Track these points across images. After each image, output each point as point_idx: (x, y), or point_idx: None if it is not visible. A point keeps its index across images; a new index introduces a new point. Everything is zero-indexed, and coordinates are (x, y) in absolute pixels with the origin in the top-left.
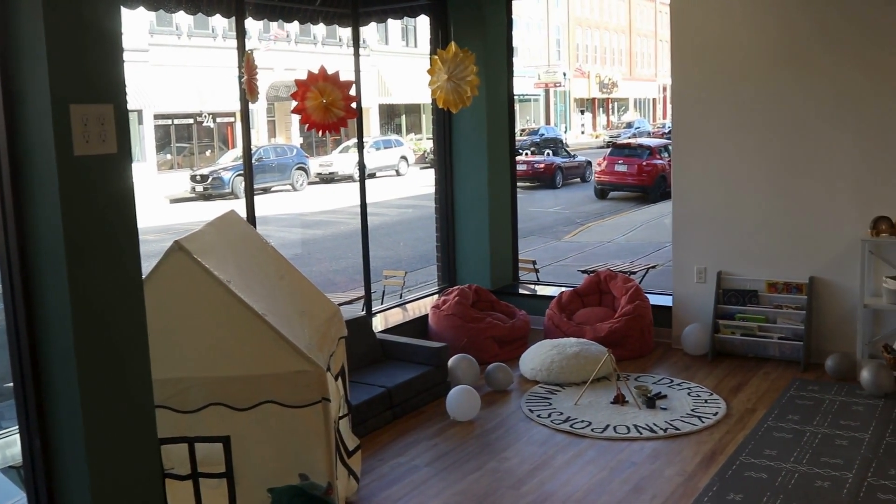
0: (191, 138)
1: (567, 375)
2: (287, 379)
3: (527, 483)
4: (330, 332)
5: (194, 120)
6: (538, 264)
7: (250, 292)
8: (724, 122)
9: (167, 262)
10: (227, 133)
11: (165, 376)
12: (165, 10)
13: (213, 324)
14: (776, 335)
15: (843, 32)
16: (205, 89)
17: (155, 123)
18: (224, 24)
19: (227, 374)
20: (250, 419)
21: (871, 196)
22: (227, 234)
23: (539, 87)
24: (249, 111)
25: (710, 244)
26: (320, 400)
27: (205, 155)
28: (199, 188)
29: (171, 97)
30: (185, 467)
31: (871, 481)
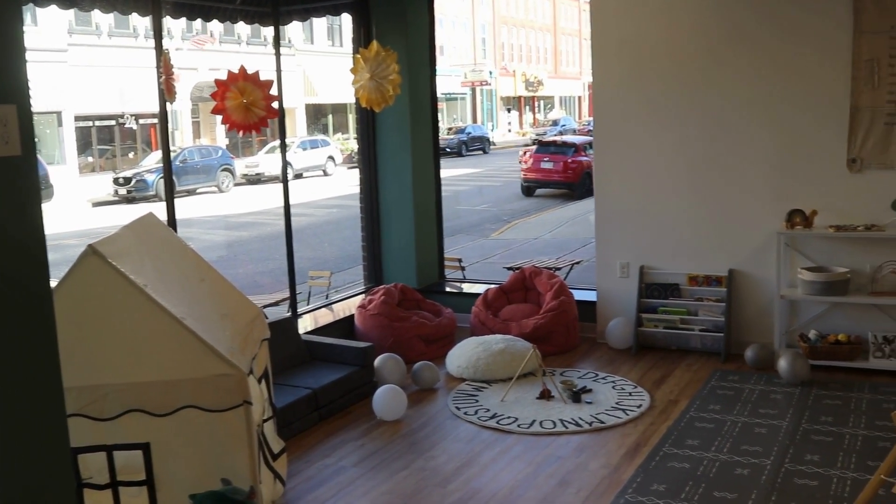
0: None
1: (493, 372)
2: (207, 383)
3: (454, 481)
4: (252, 335)
5: (116, 121)
6: (465, 262)
7: (169, 296)
8: (644, 119)
9: (81, 267)
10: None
11: (81, 384)
12: (80, 9)
13: (130, 329)
14: (698, 327)
15: (757, 31)
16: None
17: (76, 125)
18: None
19: (145, 379)
20: (170, 425)
21: (785, 190)
22: (144, 237)
23: (466, 85)
24: (172, 112)
25: (633, 239)
26: (242, 403)
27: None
28: (123, 191)
29: (92, 98)
30: (103, 476)
31: (789, 467)
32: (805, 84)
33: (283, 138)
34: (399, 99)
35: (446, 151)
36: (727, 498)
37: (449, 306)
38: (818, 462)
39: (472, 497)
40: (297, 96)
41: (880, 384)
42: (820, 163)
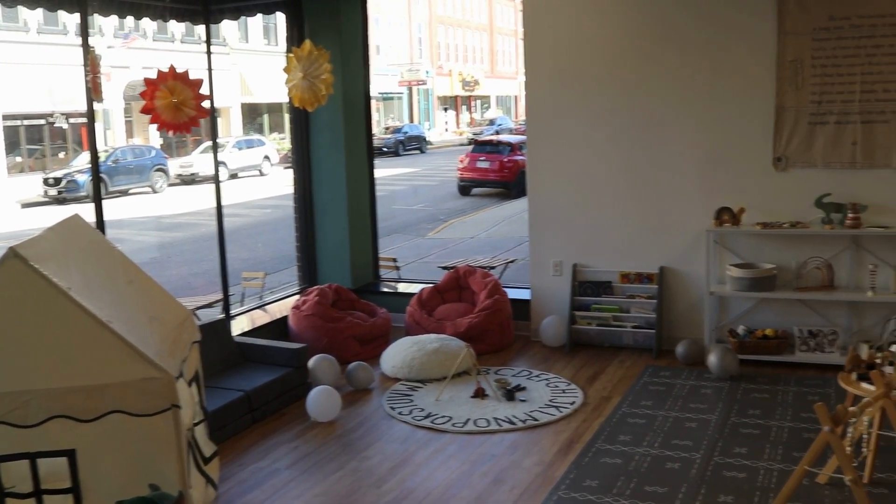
0: (42, 140)
1: (428, 372)
2: (134, 387)
3: (388, 481)
4: (182, 337)
5: (46, 120)
6: (401, 262)
7: (94, 299)
8: (576, 118)
9: (1, 271)
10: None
11: (3, 390)
12: (4, 5)
13: (54, 333)
14: (630, 324)
15: (687, 31)
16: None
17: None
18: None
19: (69, 384)
20: (96, 430)
21: (714, 188)
22: (69, 239)
23: (402, 85)
24: (104, 111)
25: (566, 238)
26: (170, 407)
27: (58, 157)
28: (53, 192)
29: (21, 97)
30: (26, 485)
31: (717, 460)
32: (733, 84)
33: (215, 138)
34: (332, 98)
35: (383, 151)
36: (658, 492)
37: (384, 306)
38: (746, 454)
39: (406, 497)
40: (232, 95)
41: (806, 377)
42: (747, 161)
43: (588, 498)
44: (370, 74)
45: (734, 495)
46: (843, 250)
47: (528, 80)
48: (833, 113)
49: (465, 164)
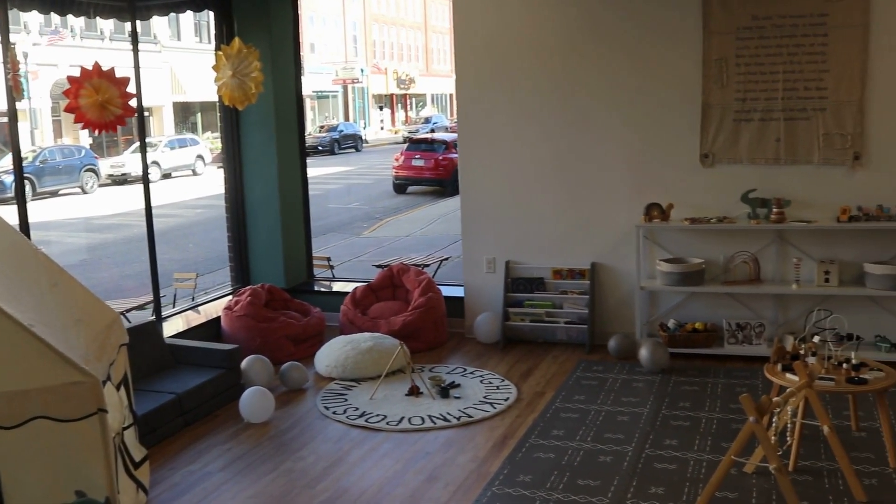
0: None
1: (362, 370)
2: (58, 392)
3: (322, 481)
4: (109, 340)
5: None
6: (335, 261)
7: (16, 302)
8: (507, 116)
9: None
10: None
11: None
12: None
13: None
14: (563, 320)
15: (616, 30)
16: None
17: None
18: None
19: None
20: (20, 437)
21: (643, 184)
22: None
23: (337, 83)
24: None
25: (498, 235)
26: (96, 411)
27: None
28: None
29: None
30: None
31: (649, 452)
32: (661, 82)
33: (144, 138)
34: (263, 97)
35: (318, 150)
36: (591, 485)
37: (318, 305)
38: (676, 446)
39: (340, 496)
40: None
41: (734, 369)
42: (675, 158)
43: (522, 493)
44: (303, 73)
45: (665, 486)
46: (768, 244)
47: (459, 79)
48: (757, 110)
49: (400, 163)
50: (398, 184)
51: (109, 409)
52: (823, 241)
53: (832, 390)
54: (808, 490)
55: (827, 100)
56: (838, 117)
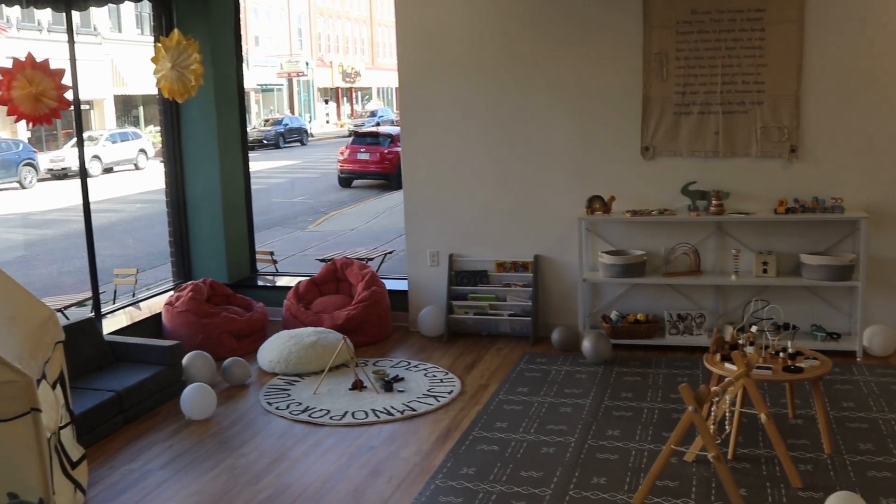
0: None
1: (305, 365)
2: None
3: (264, 477)
4: (44, 338)
5: None
6: (280, 255)
7: None
8: (450, 109)
9: None
10: None
11: None
12: None
13: None
14: (506, 312)
15: (556, 23)
16: None
17: None
18: None
19: None
20: None
21: (586, 177)
22: None
23: (282, 76)
24: None
25: (442, 228)
26: (29, 411)
27: None
28: None
29: None
30: None
31: (591, 443)
32: (602, 75)
33: (80, 132)
34: (204, 90)
35: (263, 143)
36: (533, 477)
37: (261, 300)
38: (618, 437)
39: (282, 493)
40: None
41: (675, 359)
42: (617, 151)
43: (465, 485)
44: (247, 65)
45: (607, 477)
46: (708, 236)
47: (402, 72)
48: (697, 104)
49: (345, 156)
50: (343, 178)
51: (44, 408)
52: (761, 232)
53: (769, 379)
54: (747, 477)
55: (764, 93)
56: (775, 111)
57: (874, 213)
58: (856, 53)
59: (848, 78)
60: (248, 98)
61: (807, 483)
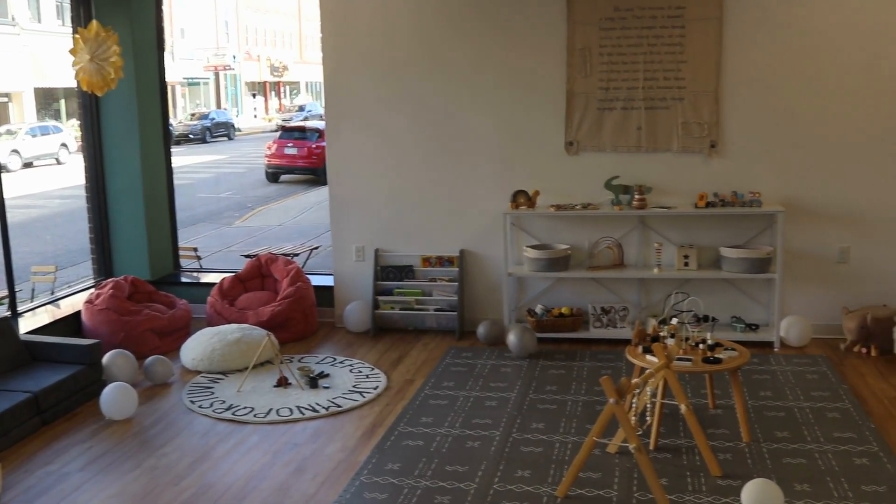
0: None
1: (229, 362)
2: None
3: (187, 477)
4: None
5: None
6: (206, 251)
7: None
8: (375, 104)
9: None
10: None
11: None
12: None
13: None
14: (432, 307)
15: (481, 18)
16: None
17: None
18: None
19: None
20: None
21: (511, 172)
22: None
23: (208, 70)
24: None
25: (367, 223)
26: None
27: None
28: None
29: None
30: None
31: (516, 436)
32: (527, 70)
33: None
34: (125, 83)
35: (189, 138)
36: (458, 471)
37: (184, 297)
38: (543, 429)
39: (205, 492)
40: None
41: (599, 352)
42: (541, 145)
43: (390, 481)
44: (171, 58)
45: (531, 469)
46: (631, 230)
47: (326, 67)
48: (619, 99)
49: (272, 151)
50: (271, 172)
51: None
52: (683, 226)
53: (689, 370)
54: (668, 467)
55: (685, 90)
56: (696, 107)
57: (790, 206)
58: (773, 52)
59: (765, 75)
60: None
61: (725, 471)
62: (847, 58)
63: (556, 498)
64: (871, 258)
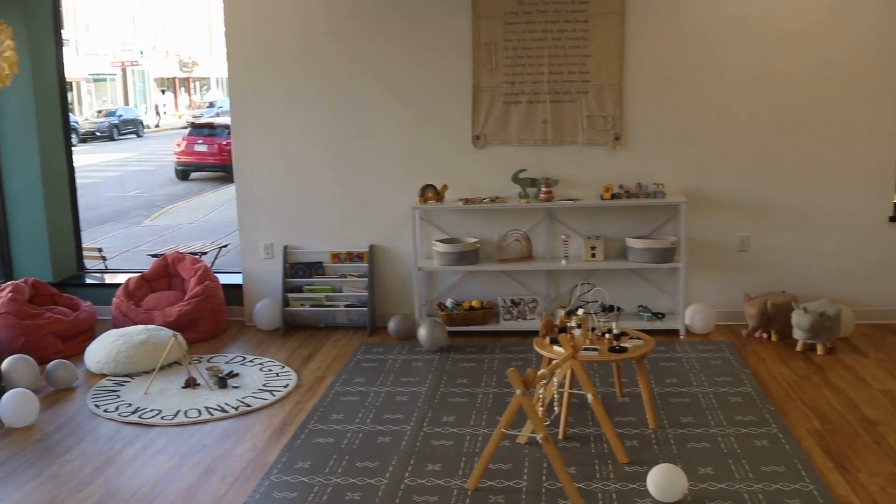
0: None
1: (136, 365)
2: None
3: (91, 483)
4: None
5: None
6: (113, 252)
7: None
8: (280, 99)
9: None
10: None
11: None
12: None
13: None
14: (343, 303)
15: (386, 13)
16: None
17: None
18: None
19: None
20: None
21: (419, 166)
22: None
23: (115, 66)
24: None
25: (275, 220)
26: None
27: None
28: None
29: None
30: None
31: (427, 430)
32: (433, 65)
33: None
34: (20, 79)
35: (96, 136)
36: (369, 467)
37: (89, 299)
38: (454, 423)
39: (110, 498)
40: None
41: (510, 344)
42: (449, 139)
43: (300, 480)
44: (74, 54)
45: (442, 463)
46: (538, 222)
47: (231, 61)
48: (525, 93)
49: (182, 148)
50: (181, 170)
51: None
52: (589, 218)
53: (595, 360)
54: (577, 456)
55: (589, 83)
56: (600, 100)
57: (693, 197)
58: (674, 46)
59: (666, 69)
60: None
61: (632, 458)
62: (743, 51)
63: (466, 490)
64: (770, 246)
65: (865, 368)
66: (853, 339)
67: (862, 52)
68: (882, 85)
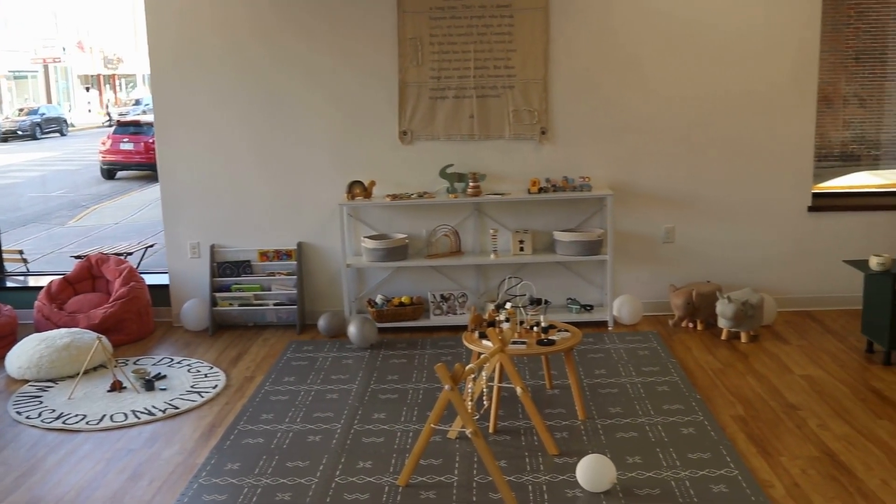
0: None
1: (59, 369)
2: None
3: (13, 493)
4: None
5: None
6: (36, 253)
7: None
8: (204, 96)
9: None
10: None
11: None
12: None
13: None
14: (272, 302)
15: (311, 8)
16: None
17: None
18: None
19: None
20: None
21: (346, 163)
22: None
23: (36, 62)
24: None
25: (202, 218)
26: None
27: None
28: None
29: None
30: None
31: (357, 428)
32: (359, 60)
33: None
34: None
35: (18, 135)
36: (300, 466)
37: (9, 303)
38: (384, 419)
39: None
40: None
41: (440, 339)
42: (376, 135)
43: (230, 481)
44: None
45: (373, 460)
46: (467, 217)
47: (153, 58)
48: (451, 88)
49: (107, 147)
50: (106, 169)
51: None
52: (517, 212)
53: (523, 353)
54: (507, 448)
55: (515, 78)
56: (526, 94)
57: (618, 190)
58: (597, 41)
59: (589, 64)
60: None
61: (562, 449)
62: (665, 45)
63: (397, 487)
64: (694, 237)
65: (787, 355)
66: (775, 327)
67: (782, 49)
68: (801, 79)
